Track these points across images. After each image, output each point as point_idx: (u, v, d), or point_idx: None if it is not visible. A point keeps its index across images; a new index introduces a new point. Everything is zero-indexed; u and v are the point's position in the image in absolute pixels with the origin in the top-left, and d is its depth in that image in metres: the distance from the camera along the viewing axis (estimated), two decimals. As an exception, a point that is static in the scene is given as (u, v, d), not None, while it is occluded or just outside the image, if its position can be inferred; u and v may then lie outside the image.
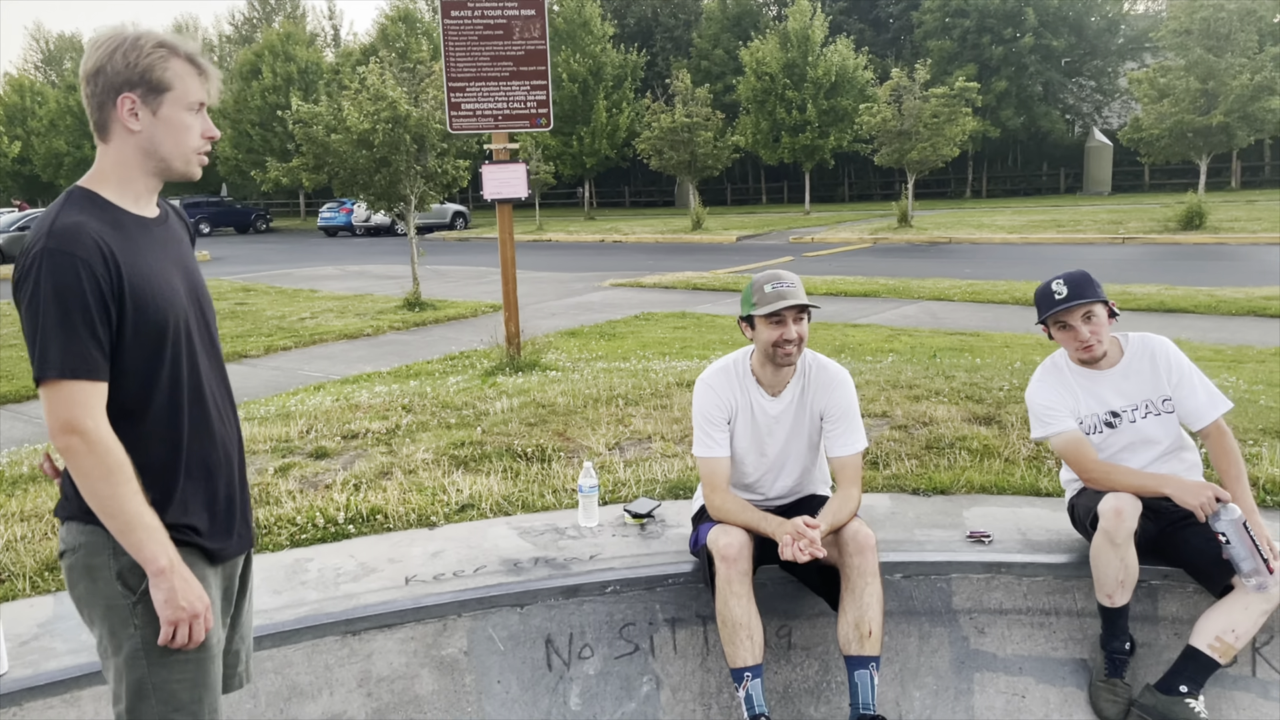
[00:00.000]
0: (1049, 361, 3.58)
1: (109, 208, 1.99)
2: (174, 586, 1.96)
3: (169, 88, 2.00)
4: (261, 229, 43.53)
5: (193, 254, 2.24)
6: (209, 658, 2.09)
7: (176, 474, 2.05)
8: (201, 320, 2.15)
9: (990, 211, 33.25)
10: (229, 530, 2.18)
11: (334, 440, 5.27)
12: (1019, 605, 3.58)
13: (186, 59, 2.02)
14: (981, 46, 42.80)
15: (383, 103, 14.02)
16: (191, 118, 2.04)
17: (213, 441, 2.13)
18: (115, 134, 2.00)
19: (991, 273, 17.04)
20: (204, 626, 2.02)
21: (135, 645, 2.01)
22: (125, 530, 1.92)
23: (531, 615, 3.47)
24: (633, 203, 53.07)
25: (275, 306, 15.99)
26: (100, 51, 1.97)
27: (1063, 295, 3.35)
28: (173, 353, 2.02)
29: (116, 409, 1.95)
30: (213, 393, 2.15)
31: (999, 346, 9.94)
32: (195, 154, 2.07)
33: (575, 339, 11.53)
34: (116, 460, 1.90)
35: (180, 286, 2.07)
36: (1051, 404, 3.45)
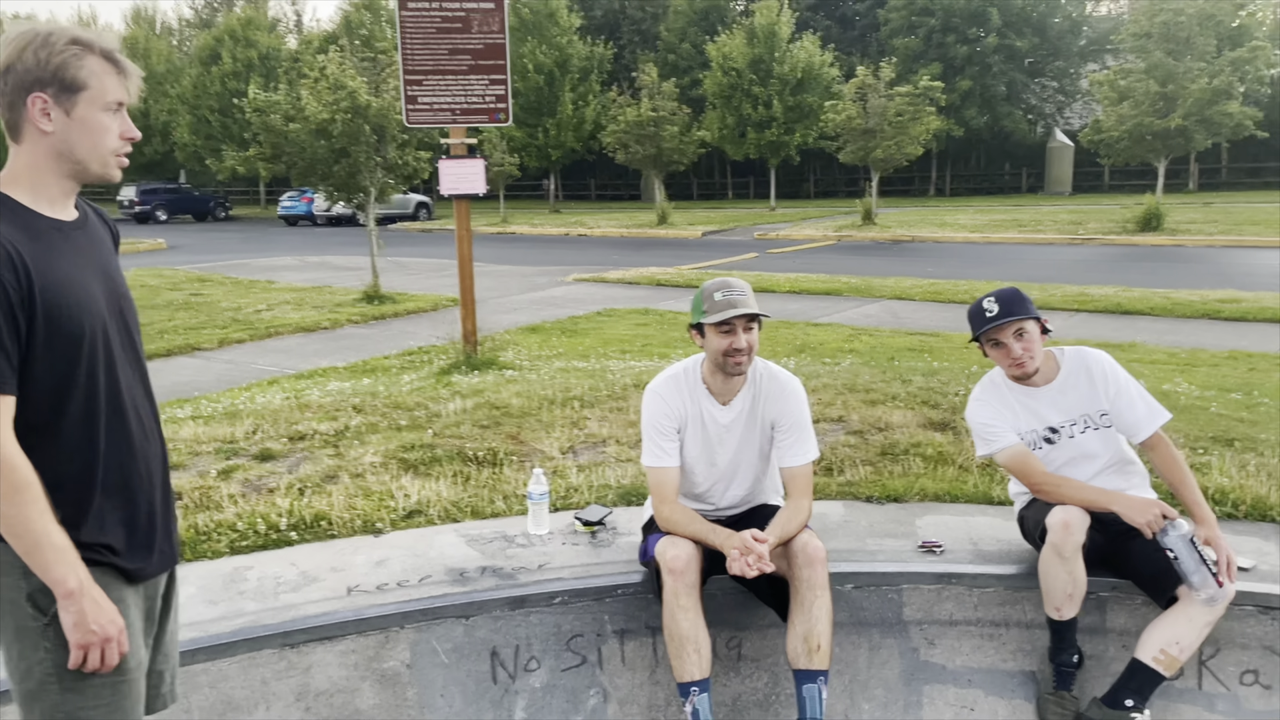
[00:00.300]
0: (986, 380, 3.58)
1: (21, 211, 1.89)
2: (83, 609, 1.87)
3: (83, 87, 1.90)
4: (220, 217, 42.87)
5: (115, 258, 2.13)
6: (126, 682, 2.00)
7: (92, 490, 1.96)
8: (123, 328, 2.05)
9: (953, 210, 33.52)
10: (149, 548, 2.08)
11: (280, 442, 5.15)
12: (969, 616, 3.56)
13: (103, 56, 1.93)
14: (946, 45, 43.11)
15: (342, 92, 13.80)
16: (109, 118, 1.95)
17: (133, 455, 2.04)
18: (27, 135, 1.90)
19: (953, 272, 17.16)
20: (117, 650, 1.93)
21: (46, 670, 1.92)
22: (32, 550, 1.83)
23: (477, 627, 3.40)
24: (598, 196, 52.89)
25: (231, 298, 15.72)
26: (10, 49, 1.87)
27: (994, 313, 3.34)
28: (88, 363, 1.92)
29: (26, 423, 1.85)
30: (134, 404, 2.05)
31: (958, 348, 9.98)
32: (113, 155, 1.98)
33: (536, 335, 11.44)
34: (23, 478, 1.80)
35: (99, 293, 1.97)
36: (991, 422, 3.45)
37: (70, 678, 1.92)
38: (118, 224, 2.20)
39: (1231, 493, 4.12)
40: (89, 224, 2.06)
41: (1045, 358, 3.44)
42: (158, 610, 2.17)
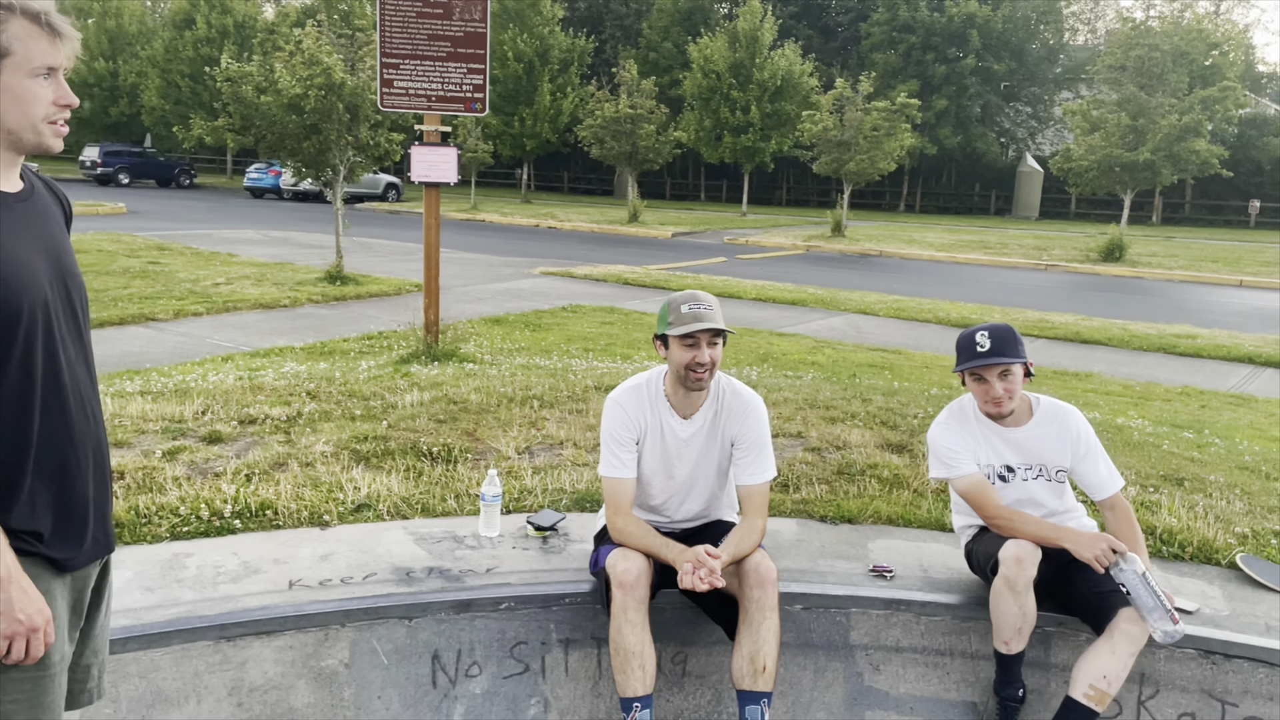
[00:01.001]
0: (956, 405, 3.57)
1: None
2: (11, 598, 1.79)
3: (6, 52, 1.79)
4: (185, 184, 42.06)
5: (65, 232, 2.03)
6: (48, 676, 1.92)
7: (23, 475, 1.86)
8: (68, 305, 1.95)
9: (921, 227, 33.80)
10: (81, 537, 1.99)
11: (230, 424, 5.04)
12: (916, 644, 3.56)
13: (29, 19, 1.81)
14: (925, 63, 43.50)
15: (317, 68, 13.57)
16: (38, 85, 1.83)
17: (70, 440, 1.95)
18: None
19: (918, 289, 17.29)
20: (43, 642, 1.85)
21: None
22: None
23: (420, 629, 3.34)
24: (571, 189, 52.73)
25: (190, 269, 15.45)
26: None
27: (985, 349, 3.32)
28: (25, 343, 1.83)
29: None
30: (75, 386, 1.96)
31: (919, 366, 10.05)
32: (46, 124, 1.87)
33: (500, 327, 11.35)
34: None
35: (42, 268, 1.88)
36: (955, 448, 3.45)
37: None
38: (77, 185, 2.09)
39: (1179, 534, 4.16)
40: (35, 196, 1.96)
41: (1020, 400, 3.44)
42: (86, 602, 2.08)
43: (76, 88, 46.88)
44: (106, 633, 2.22)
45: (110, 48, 48.22)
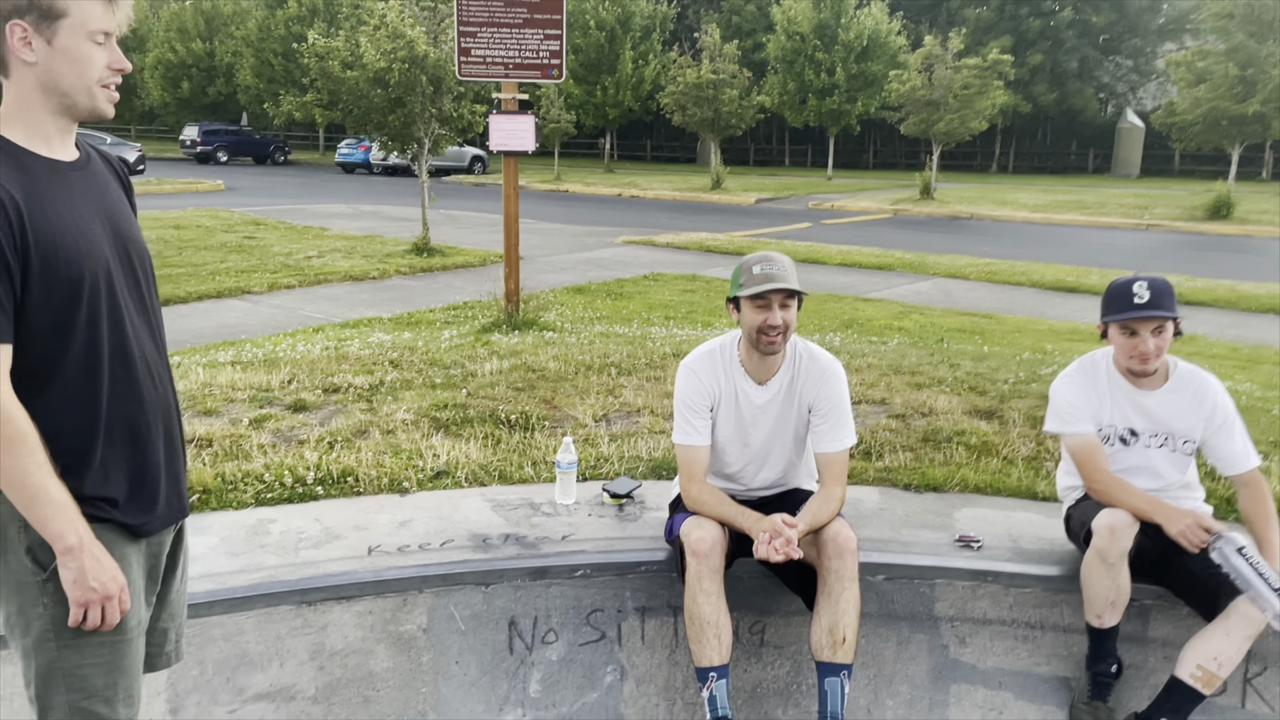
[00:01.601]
0: (1088, 359, 3.35)
1: (15, 152, 1.81)
2: (83, 565, 1.82)
3: (64, 13, 1.80)
4: (279, 161, 43.16)
5: (124, 202, 2.05)
6: (125, 641, 1.95)
7: (95, 440, 1.89)
8: (130, 273, 1.97)
9: (1015, 188, 32.74)
10: (154, 503, 2.02)
11: (315, 393, 5.13)
12: (1004, 616, 3.43)
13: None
14: (1019, 18, 41.95)
15: (400, 41, 13.71)
16: (93, 48, 1.85)
17: (140, 405, 1.96)
18: (13, 68, 1.82)
19: (1011, 252, 16.77)
20: (118, 608, 1.88)
21: (44, 626, 1.88)
22: (30, 504, 1.78)
23: (496, 595, 3.35)
24: (654, 157, 52.49)
25: (284, 242, 15.83)
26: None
27: (1143, 301, 3.07)
28: (89, 309, 1.85)
29: (24, 371, 1.79)
30: (142, 352, 1.97)
31: (1010, 331, 9.73)
32: (100, 87, 1.88)
33: (581, 296, 11.36)
34: (19, 430, 1.75)
35: (103, 236, 1.89)
36: (1077, 404, 3.26)
37: (68, 634, 1.88)
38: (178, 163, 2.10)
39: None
40: (91, 165, 1.97)
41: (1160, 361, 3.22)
42: (162, 567, 2.12)
43: (175, 69, 48.56)
44: (183, 597, 2.25)
45: (207, 29, 49.52)
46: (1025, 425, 4.83)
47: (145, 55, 50.81)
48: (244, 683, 3.07)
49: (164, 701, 2.96)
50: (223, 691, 3.03)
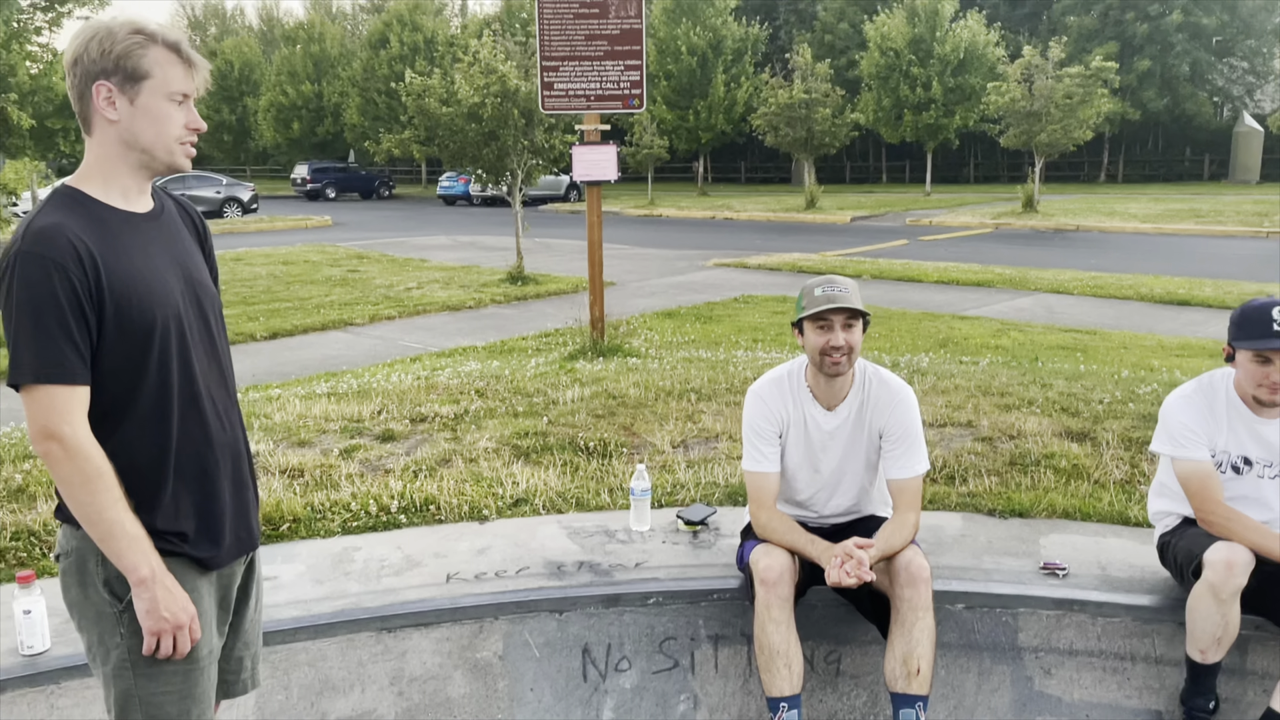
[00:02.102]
0: (1206, 380, 3.19)
1: (92, 205, 1.94)
2: (156, 596, 1.91)
3: (146, 75, 1.92)
4: (384, 195, 44.57)
5: (197, 249, 2.16)
6: (198, 669, 2.05)
7: (165, 477, 1.99)
8: (200, 316, 2.07)
9: (1124, 198, 31.60)
10: (221, 537, 2.10)
11: (403, 423, 5.28)
12: (1091, 647, 3.31)
13: (167, 47, 1.95)
14: (1124, 24, 40.56)
15: (493, 76, 14.06)
16: (172, 108, 1.97)
17: (208, 443, 2.07)
18: (97, 126, 1.94)
19: (1118, 264, 16.18)
20: (189, 638, 1.97)
21: (122, 655, 1.98)
22: (105, 538, 1.88)
23: (570, 622, 3.38)
24: (749, 179, 52.38)
25: (385, 275, 16.33)
26: (78, 42, 1.92)
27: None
28: (160, 352, 1.95)
29: (99, 412, 1.90)
30: (210, 392, 2.08)
31: (1115, 347, 9.39)
32: (178, 144, 1.99)
33: (671, 320, 11.41)
34: (95, 467, 1.85)
35: (174, 283, 2.01)
36: (1193, 427, 3.10)
37: (144, 663, 1.98)
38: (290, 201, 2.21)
39: None
40: (165, 215, 2.09)
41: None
42: (234, 597, 2.21)
43: (286, 110, 50.70)
44: (258, 626, 2.34)
45: (315, 71, 51.70)
46: (1119, 447, 4.66)
47: (259, 99, 53.33)
48: (327, 707, 3.17)
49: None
50: (307, 716, 3.13)
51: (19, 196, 11.10)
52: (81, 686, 2.94)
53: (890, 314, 11.52)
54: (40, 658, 2.97)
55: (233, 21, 77.90)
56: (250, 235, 26.06)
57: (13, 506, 4.19)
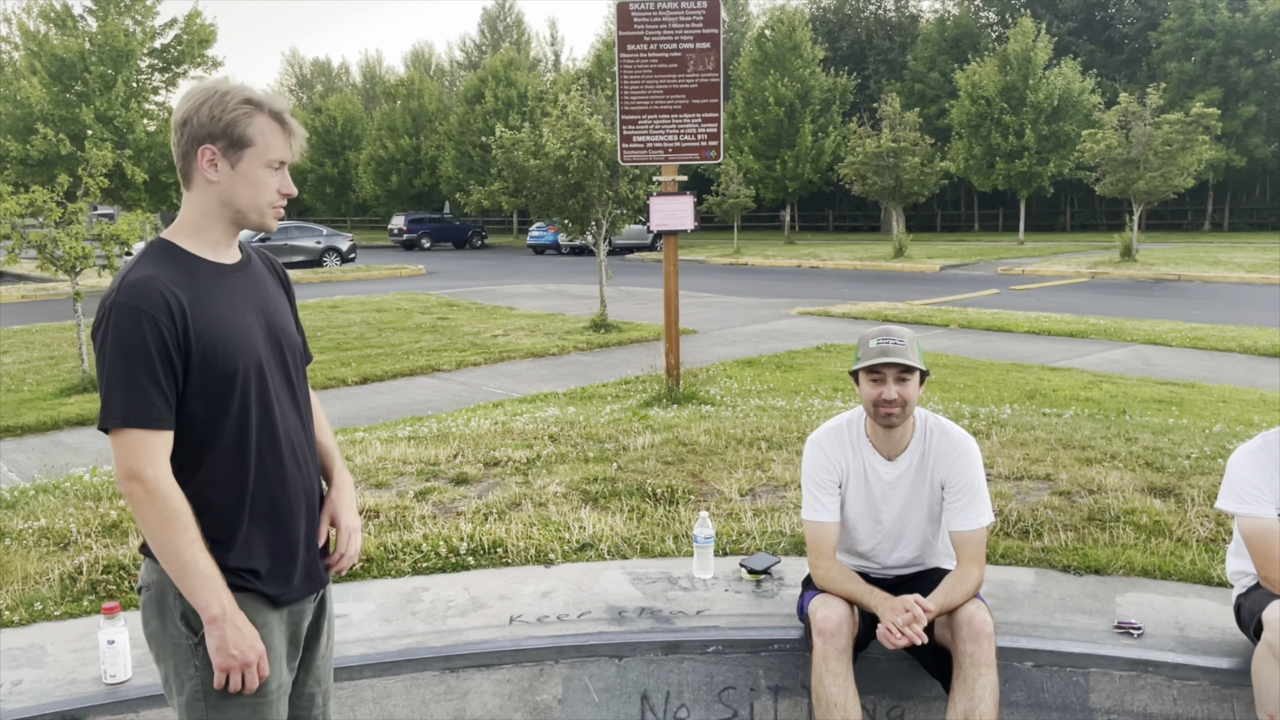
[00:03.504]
0: (1273, 435, 3.09)
1: (184, 257, 2.06)
2: (225, 634, 1.99)
3: (250, 143, 2.05)
4: (476, 245, 45.67)
5: (280, 296, 2.27)
6: (267, 704, 2.11)
7: (241, 517, 2.08)
8: (281, 363, 2.17)
9: (1230, 247, 30.51)
10: (291, 575, 2.18)
11: (477, 467, 5.39)
12: (1167, 711, 3.19)
13: (272, 116, 2.07)
14: (1228, 69, 39.43)
15: (579, 129, 14.39)
16: (269, 174, 2.08)
17: (284, 485, 2.15)
18: (196, 183, 2.07)
19: (1221, 316, 15.61)
20: (256, 674, 2.04)
21: (195, 686, 2.06)
22: (181, 576, 1.97)
23: (629, 668, 3.40)
24: (836, 227, 52.18)
25: (473, 322, 16.69)
26: (189, 103, 2.04)
27: None
28: (241, 398, 2.05)
29: (184, 451, 2.01)
30: (289, 436, 2.16)
31: (1214, 401, 9.04)
32: (270, 208, 2.11)
33: (751, 369, 11.39)
34: (174, 509, 1.94)
35: (257, 330, 2.11)
36: (1258, 484, 3.01)
37: (215, 696, 2.06)
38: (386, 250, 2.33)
39: None
40: (251, 266, 2.21)
41: None
42: (303, 634, 2.27)
43: (385, 164, 52.54)
44: (328, 663, 2.40)
45: (414, 126, 53.56)
46: (1205, 504, 4.49)
47: (360, 153, 55.40)
48: (389, 744, 3.23)
49: (317, 758, 3.15)
50: (370, 751, 3.20)
51: (131, 247, 11.67)
52: (159, 717, 3.07)
53: (977, 364, 11.31)
54: (121, 687, 3.11)
55: (338, 79, 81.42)
56: (347, 284, 26.93)
57: (106, 541, 4.40)
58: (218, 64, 29.00)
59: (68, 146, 22.79)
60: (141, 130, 26.52)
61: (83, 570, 4.02)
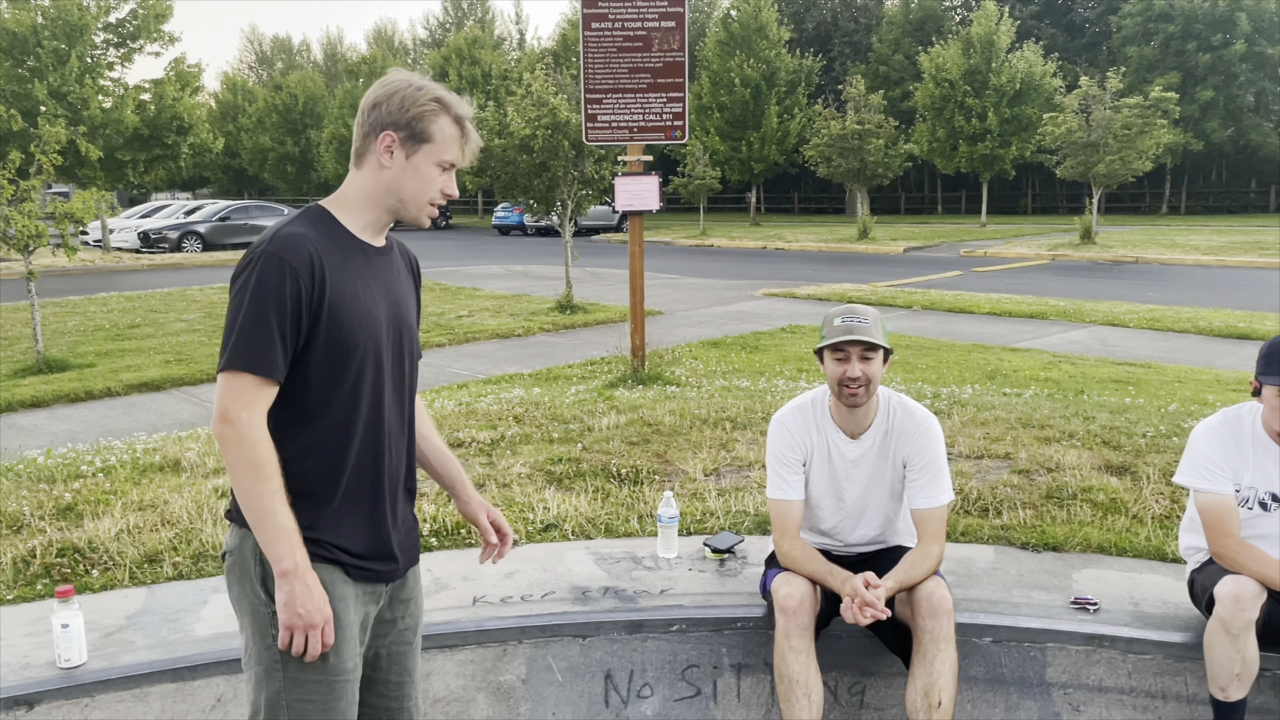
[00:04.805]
0: (1233, 413, 3.14)
1: (336, 227, 2.09)
2: (295, 591, 1.95)
3: (429, 139, 2.09)
4: (442, 226, 45.25)
5: (410, 289, 2.28)
6: (343, 682, 2.08)
7: (335, 491, 2.08)
8: (397, 352, 2.17)
9: (1186, 230, 30.99)
10: (374, 556, 2.16)
11: (440, 448, 5.35)
12: (1122, 684, 3.25)
13: (455, 120, 2.11)
14: (1186, 54, 39.95)
15: (544, 109, 14.29)
16: (438, 173, 2.12)
17: (379, 470, 2.14)
18: (368, 164, 2.10)
19: (1177, 297, 15.86)
20: (320, 640, 2.00)
21: (274, 657, 2.03)
22: (259, 526, 1.95)
23: (593, 648, 3.40)
24: (802, 209, 52.36)
25: (437, 303, 16.56)
26: (385, 89, 2.09)
27: None
28: (356, 374, 2.06)
29: (291, 417, 2.02)
30: (390, 424, 2.16)
31: (1169, 381, 9.19)
32: (429, 205, 2.15)
33: (716, 350, 11.41)
34: (262, 456, 1.94)
35: (383, 315, 2.12)
36: (1217, 460, 3.05)
37: (294, 667, 2.03)
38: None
39: None
40: (392, 254, 2.22)
41: None
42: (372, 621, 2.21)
43: (348, 143, 51.73)
44: (416, 654, 2.38)
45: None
46: (1160, 482, 4.57)
47: (321, 131, 54.64)
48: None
49: (278, 740, 3.12)
50: (331, 733, 3.17)
51: (86, 225, 11.43)
52: (114, 700, 3.03)
53: (939, 345, 11.41)
54: (76, 671, 3.06)
55: (298, 56, 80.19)
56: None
57: (61, 524, 4.33)
58: (174, 39, 28.39)
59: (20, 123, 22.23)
60: (96, 106, 25.94)
61: (36, 554, 3.96)
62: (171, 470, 5.19)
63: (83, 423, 8.26)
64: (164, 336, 13.15)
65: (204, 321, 14.65)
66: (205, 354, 11.50)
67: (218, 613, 3.47)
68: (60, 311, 15.84)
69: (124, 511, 4.44)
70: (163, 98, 27.42)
